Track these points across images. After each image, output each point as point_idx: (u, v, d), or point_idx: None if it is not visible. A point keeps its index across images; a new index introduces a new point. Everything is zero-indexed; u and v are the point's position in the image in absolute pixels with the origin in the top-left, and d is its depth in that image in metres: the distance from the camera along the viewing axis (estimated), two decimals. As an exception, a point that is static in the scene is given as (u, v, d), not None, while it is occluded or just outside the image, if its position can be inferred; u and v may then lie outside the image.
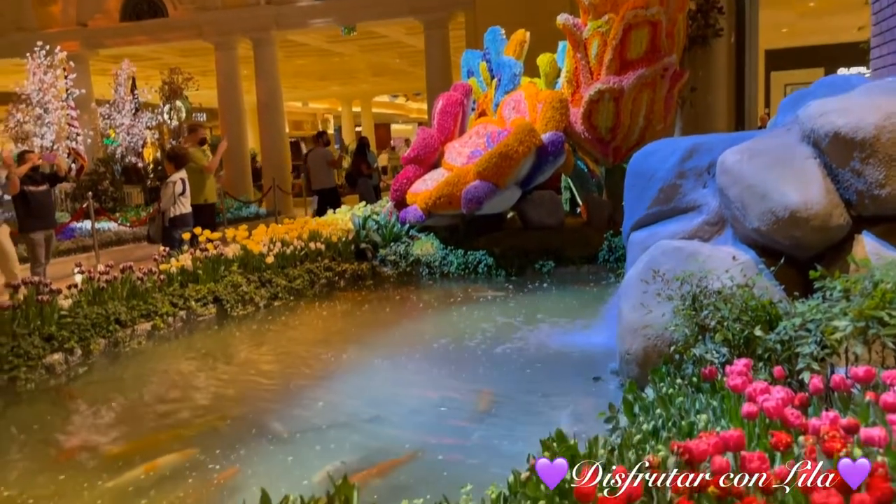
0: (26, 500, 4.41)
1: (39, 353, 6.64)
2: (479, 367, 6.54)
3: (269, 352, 7.59)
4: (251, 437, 5.30)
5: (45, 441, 5.43)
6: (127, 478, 4.67)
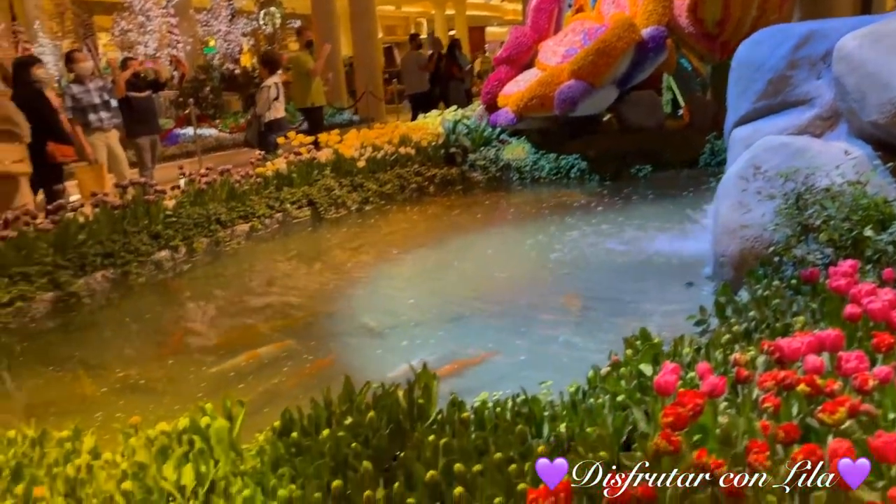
0: (138, 380, 4.77)
1: (148, 250, 7.04)
2: (567, 272, 6.47)
3: (361, 253, 7.77)
4: (343, 331, 5.51)
5: (156, 330, 5.82)
6: (228, 365, 4.96)
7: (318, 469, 2.50)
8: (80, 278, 6.42)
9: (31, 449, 2.87)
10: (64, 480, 2.61)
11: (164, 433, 2.82)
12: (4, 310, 5.73)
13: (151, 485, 2.50)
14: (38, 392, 4.80)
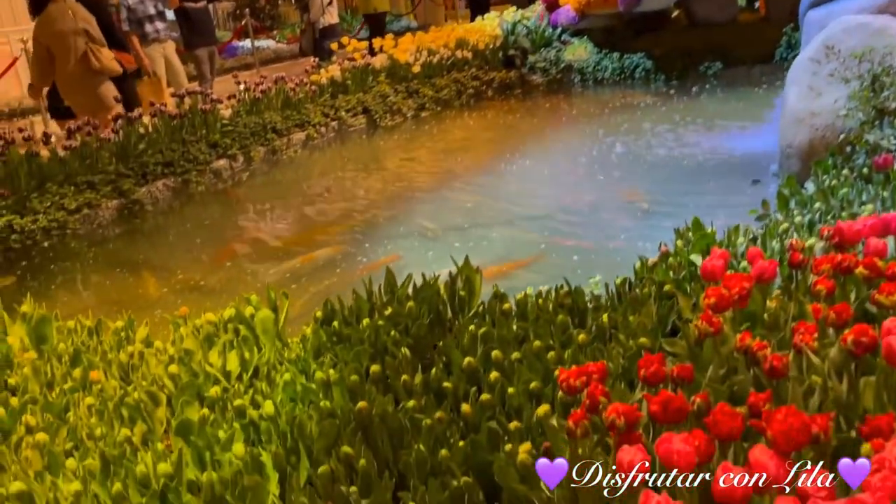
0: (198, 281, 4.91)
1: (206, 159, 7.13)
2: (629, 172, 6.26)
3: (417, 159, 7.69)
4: (398, 234, 5.52)
5: (215, 235, 5.95)
6: (284, 267, 5.04)
7: (358, 355, 2.52)
8: (142, 187, 6.57)
9: (88, 337, 2.99)
10: (117, 365, 2.72)
11: (210, 322, 2.88)
12: (73, 216, 5.93)
13: (197, 369, 2.57)
14: (106, 292, 5.01)
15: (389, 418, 2.10)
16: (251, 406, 2.35)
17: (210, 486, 1.92)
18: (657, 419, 1.58)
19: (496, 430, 2.01)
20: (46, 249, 5.66)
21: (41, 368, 2.73)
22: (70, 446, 2.26)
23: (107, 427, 2.31)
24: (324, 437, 2.07)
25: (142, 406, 2.36)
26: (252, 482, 1.91)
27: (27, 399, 2.53)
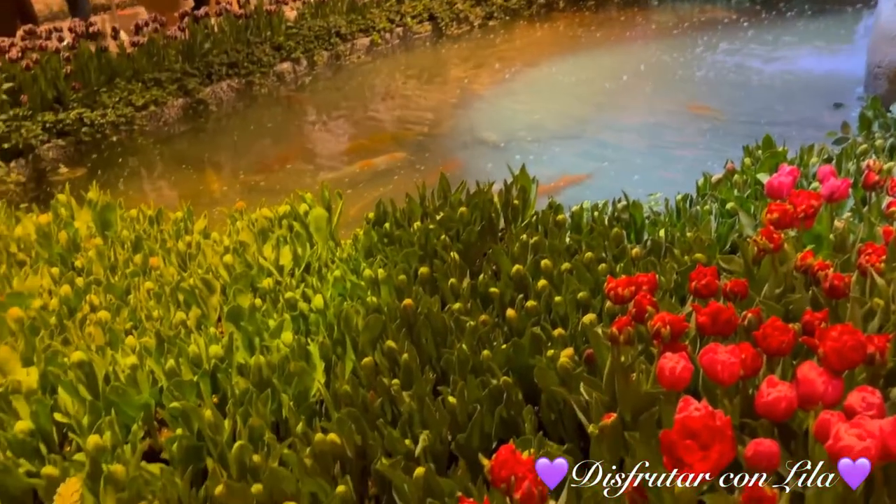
0: (258, 182, 4.98)
1: (270, 61, 7.11)
2: (706, 92, 5.97)
3: (483, 70, 7.50)
4: (458, 145, 5.46)
5: (277, 138, 5.99)
6: (343, 172, 5.06)
7: (407, 257, 2.52)
8: (206, 87, 6.62)
9: (149, 226, 3.07)
10: (176, 254, 2.80)
11: (265, 217, 2.92)
12: (140, 113, 6.05)
13: (251, 261, 2.62)
14: (170, 187, 5.14)
15: (434, 317, 2.11)
16: (301, 299, 2.40)
17: (258, 369, 1.98)
18: (704, 331, 1.54)
19: (539, 336, 2.00)
20: (115, 144, 5.80)
21: (105, 253, 2.83)
22: (129, 325, 2.36)
23: (164, 310, 2.39)
24: (369, 331, 2.10)
25: (197, 292, 2.44)
26: (298, 368, 1.96)
27: (92, 280, 2.63)
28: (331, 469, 1.70)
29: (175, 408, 1.90)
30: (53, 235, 2.90)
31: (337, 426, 1.75)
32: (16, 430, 1.89)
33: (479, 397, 1.81)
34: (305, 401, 1.97)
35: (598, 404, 1.64)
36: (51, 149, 5.46)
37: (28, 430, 1.91)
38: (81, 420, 1.93)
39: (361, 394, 1.89)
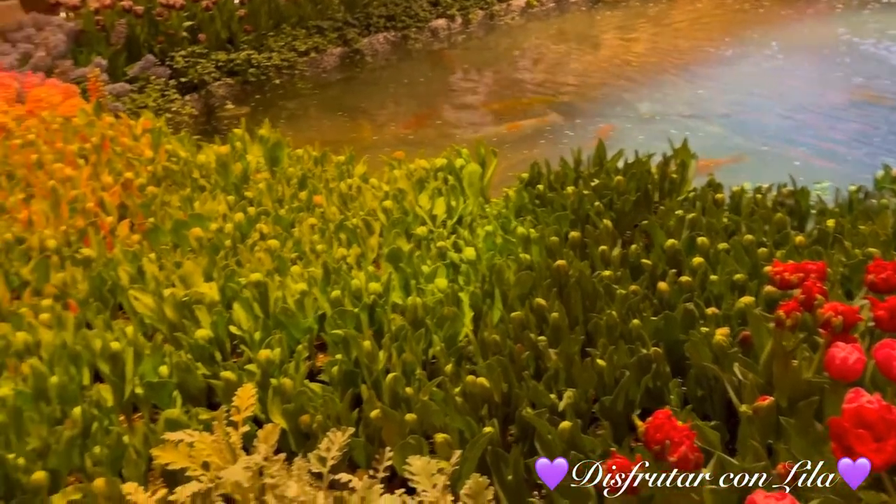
0: (407, 135, 5.13)
1: (426, 16, 7.23)
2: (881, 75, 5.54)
3: (638, 39, 7.29)
4: (610, 114, 5.37)
5: (428, 93, 6.12)
6: (491, 132, 5.12)
7: (558, 219, 2.55)
8: (364, 37, 6.84)
9: (314, 166, 3.26)
10: (338, 194, 2.96)
11: (422, 168, 3.03)
12: (302, 58, 6.34)
13: (408, 208, 2.74)
14: (325, 131, 5.38)
15: (585, 281, 2.14)
16: (452, 249, 2.49)
17: (414, 308, 2.09)
18: (881, 325, 1.49)
19: (692, 312, 1.98)
20: (277, 86, 6.12)
21: (273, 186, 3.04)
22: (294, 255, 2.54)
23: (326, 245, 2.55)
24: (519, 287, 2.16)
25: (358, 232, 2.58)
26: (451, 312, 2.06)
27: (262, 210, 2.84)
28: (478, 410, 1.79)
29: (337, 334, 2.05)
30: (230, 166, 3.13)
31: (487, 371, 1.83)
32: (197, 336, 2.10)
33: (627, 363, 1.84)
34: (454, 344, 2.07)
35: (753, 386, 1.62)
36: (220, 86, 5.83)
37: (207, 337, 2.11)
38: (254, 335, 2.12)
39: (509, 345, 1.96)
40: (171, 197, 2.90)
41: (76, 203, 2.79)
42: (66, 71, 4.66)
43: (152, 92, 5.18)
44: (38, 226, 2.68)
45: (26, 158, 3.11)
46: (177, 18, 5.87)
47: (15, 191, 2.88)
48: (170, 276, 2.38)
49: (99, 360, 2.00)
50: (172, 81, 5.48)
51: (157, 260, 2.46)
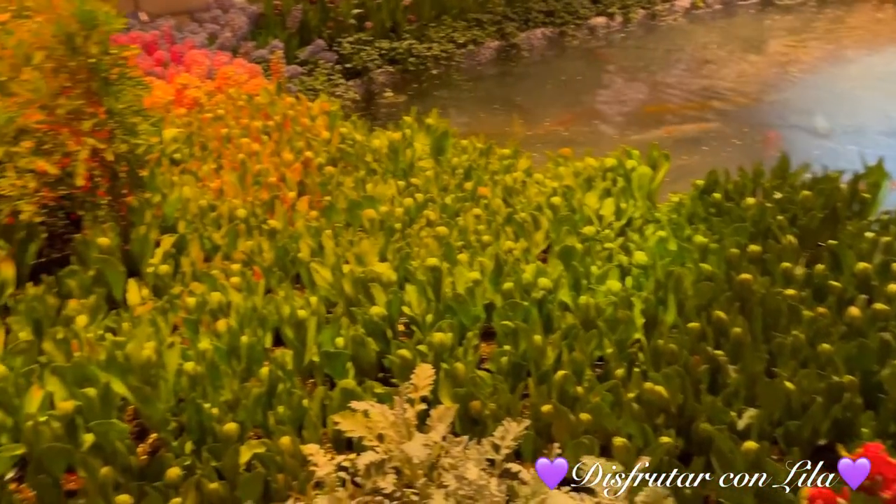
0: (562, 132, 5.09)
1: (586, 14, 7.13)
2: None
3: (808, 46, 6.87)
4: (778, 124, 5.11)
5: (584, 91, 6.04)
6: (649, 135, 4.98)
7: (736, 231, 2.45)
8: (522, 32, 6.83)
9: (479, 157, 3.30)
10: (502, 187, 2.98)
11: (591, 167, 3.00)
12: (460, 50, 6.42)
13: (575, 206, 2.72)
14: (478, 124, 5.43)
15: (769, 298, 2.05)
16: (621, 251, 2.45)
17: (585, 308, 2.07)
18: None
19: (888, 342, 1.86)
20: (434, 76, 6.24)
21: (439, 175, 3.11)
22: (460, 244, 2.58)
23: (492, 237, 2.58)
24: (697, 297, 2.10)
25: (525, 226, 2.59)
26: (625, 316, 2.03)
27: (428, 197, 2.91)
28: (654, 418, 1.76)
29: (507, 326, 2.07)
30: (401, 152, 3.23)
31: (663, 380, 1.79)
32: (371, 313, 2.19)
33: (817, 389, 1.75)
34: (624, 349, 2.04)
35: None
36: (381, 73, 6.02)
37: (380, 315, 2.19)
38: (426, 317, 2.18)
39: (685, 355, 1.91)
40: (345, 178, 3.03)
41: (260, 177, 2.98)
42: (248, 52, 4.96)
43: (320, 76, 5.41)
44: (227, 195, 2.88)
45: (217, 132, 3.34)
46: (346, 6, 6.10)
47: (208, 160, 3.10)
48: (345, 252, 2.49)
49: (285, 325, 2.12)
50: (338, 66, 5.71)
51: (334, 237, 2.58)
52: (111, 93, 2.27)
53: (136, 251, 2.43)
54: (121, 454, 1.72)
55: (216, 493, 1.68)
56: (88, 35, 2.21)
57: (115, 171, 2.35)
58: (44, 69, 2.21)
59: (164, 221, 2.61)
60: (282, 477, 1.72)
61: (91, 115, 2.25)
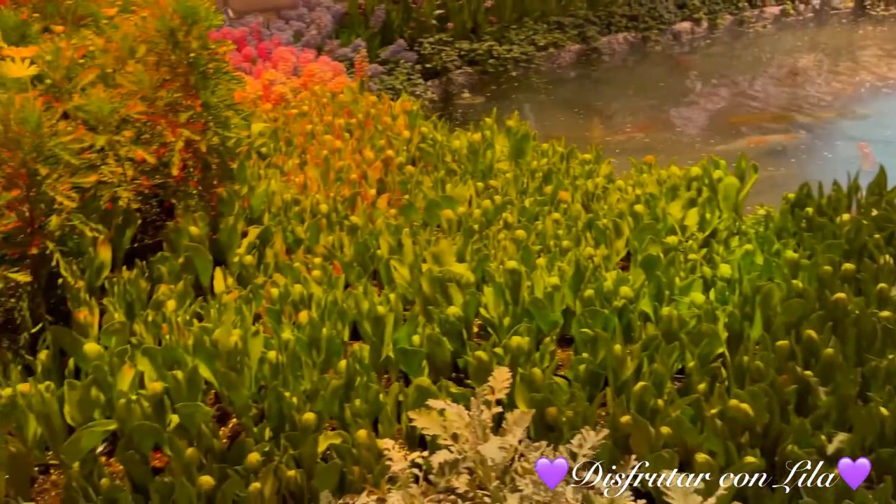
0: (642, 139, 5.01)
1: (671, 19, 6.99)
2: None
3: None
4: (873, 137, 4.91)
5: (665, 98, 5.92)
6: (732, 146, 4.85)
7: (830, 248, 2.36)
8: (604, 36, 6.75)
9: (559, 161, 3.27)
10: (583, 192, 2.95)
11: (675, 175, 2.94)
12: (540, 53, 6.39)
13: (659, 215, 2.67)
14: (556, 127, 5.40)
15: (864, 319, 1.96)
16: (705, 263, 2.39)
17: (669, 320, 2.03)
18: None
19: None
20: (513, 79, 6.23)
21: (519, 178, 3.09)
22: (538, 248, 2.57)
23: (572, 242, 2.55)
24: (787, 314, 2.03)
25: (607, 233, 2.56)
26: (710, 330, 1.98)
27: (507, 200, 2.90)
28: (737, 436, 1.71)
29: (586, 333, 2.05)
30: (480, 153, 3.23)
31: (749, 398, 1.74)
32: (448, 313, 2.19)
33: (917, 415, 1.66)
34: (706, 364, 1.99)
35: None
36: (460, 74, 6.04)
37: (457, 315, 2.20)
38: (503, 320, 2.17)
39: (772, 374, 1.85)
40: (424, 177, 3.06)
41: (342, 173, 3.03)
42: (332, 49, 5.06)
43: (399, 75, 5.48)
44: (310, 190, 2.94)
45: (301, 128, 3.41)
46: (428, 6, 6.15)
47: (293, 156, 3.17)
48: (422, 251, 2.50)
49: (364, 320, 2.15)
50: (417, 66, 5.77)
51: (412, 235, 2.60)
52: (208, 87, 2.35)
53: (223, 241, 2.50)
54: (205, 436, 1.78)
55: (294, 481, 1.72)
56: (189, 30, 2.29)
57: (207, 162, 2.42)
58: (147, 62, 2.30)
59: (251, 213, 2.68)
60: (357, 469, 1.74)
61: (188, 107, 2.33)
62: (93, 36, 2.48)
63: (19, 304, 1.97)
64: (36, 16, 2.41)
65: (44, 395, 1.79)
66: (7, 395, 1.78)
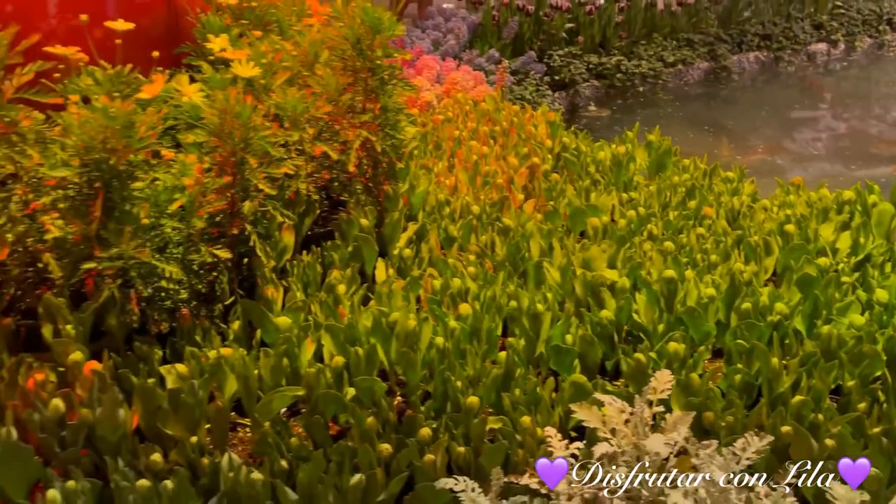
0: (774, 159, 4.94)
1: (806, 39, 6.83)
2: None
3: None
4: None
5: (797, 117, 5.80)
6: (876, 172, 4.73)
7: None
8: (734, 55, 6.67)
9: (702, 177, 3.31)
10: (727, 209, 2.98)
11: (826, 198, 2.93)
12: (668, 69, 6.38)
13: (810, 236, 2.68)
14: (684, 144, 5.36)
15: None
16: (859, 286, 2.39)
17: (828, 338, 2.06)
18: None
19: None
20: (639, 94, 6.25)
21: (662, 191, 3.16)
22: (685, 261, 2.62)
23: (720, 257, 2.60)
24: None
25: (758, 250, 2.59)
26: (872, 351, 2.00)
27: (650, 212, 2.97)
28: None
29: (742, 345, 2.10)
30: (623, 165, 3.32)
31: (916, 421, 1.76)
32: (601, 316, 2.29)
33: None
34: (865, 384, 2.00)
35: None
36: (587, 87, 6.12)
37: (609, 319, 2.29)
38: (657, 326, 2.25)
39: (938, 400, 1.85)
40: (567, 186, 3.17)
41: (489, 178, 3.18)
42: (471, 59, 5.25)
43: (529, 86, 5.61)
44: (460, 192, 3.10)
45: (449, 133, 3.59)
46: (560, 20, 6.26)
47: (443, 159, 3.35)
48: (571, 256, 2.61)
49: (522, 315, 2.28)
50: (546, 78, 5.89)
51: (560, 240, 2.71)
52: (385, 91, 2.54)
53: (386, 234, 2.69)
54: (382, 409, 1.95)
55: (462, 457, 1.86)
56: (374, 39, 2.49)
57: (378, 160, 2.62)
58: (333, 66, 2.52)
59: (410, 210, 2.87)
60: (521, 452, 1.86)
61: (367, 109, 2.53)
62: (281, 41, 2.73)
63: (220, 278, 2.20)
64: (242, 22, 2.68)
65: (246, 359, 2.01)
66: (214, 357, 2.01)
